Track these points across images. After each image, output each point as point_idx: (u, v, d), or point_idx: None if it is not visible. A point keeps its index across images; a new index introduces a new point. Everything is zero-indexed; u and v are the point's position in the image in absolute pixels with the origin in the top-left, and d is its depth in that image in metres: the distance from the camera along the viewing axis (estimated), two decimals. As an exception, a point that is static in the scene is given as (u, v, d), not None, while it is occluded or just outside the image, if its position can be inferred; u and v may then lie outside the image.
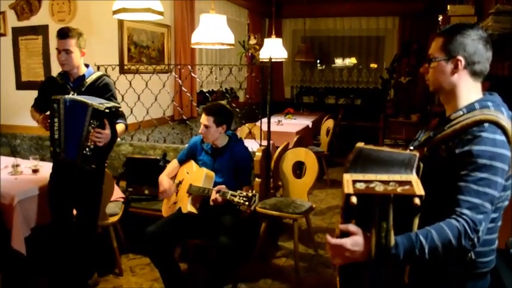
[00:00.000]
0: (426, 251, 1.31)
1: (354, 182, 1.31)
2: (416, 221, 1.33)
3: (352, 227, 1.35)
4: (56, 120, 2.84)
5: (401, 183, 1.28)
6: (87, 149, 2.83)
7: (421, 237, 1.32)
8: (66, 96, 2.87)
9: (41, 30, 4.41)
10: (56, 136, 2.86)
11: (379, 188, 1.28)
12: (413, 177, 1.30)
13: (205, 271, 3.45)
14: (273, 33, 6.20)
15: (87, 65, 3.08)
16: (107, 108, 2.82)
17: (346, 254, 1.35)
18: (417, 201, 1.25)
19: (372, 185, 1.29)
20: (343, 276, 1.49)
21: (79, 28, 3.00)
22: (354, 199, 1.27)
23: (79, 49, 2.94)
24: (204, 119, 3.09)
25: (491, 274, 1.56)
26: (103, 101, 2.90)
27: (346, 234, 1.36)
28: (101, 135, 2.82)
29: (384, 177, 1.31)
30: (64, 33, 2.89)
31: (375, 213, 1.29)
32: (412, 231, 1.33)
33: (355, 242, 1.34)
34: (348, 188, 1.29)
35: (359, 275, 1.43)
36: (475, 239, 1.33)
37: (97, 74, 3.09)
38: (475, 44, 1.49)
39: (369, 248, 1.32)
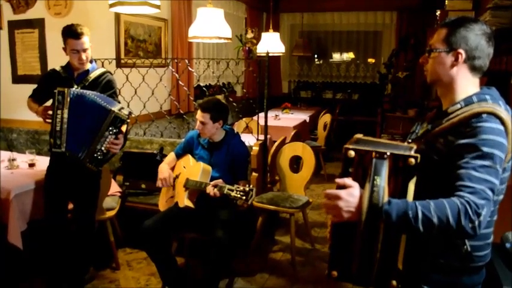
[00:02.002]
0: (420, 217, 1.27)
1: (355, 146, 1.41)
2: (412, 187, 1.33)
3: (348, 181, 1.37)
4: (59, 112, 2.82)
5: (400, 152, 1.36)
6: (99, 152, 2.83)
7: (417, 204, 1.29)
8: (73, 89, 2.85)
9: (37, 24, 4.39)
10: (58, 128, 2.83)
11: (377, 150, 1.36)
12: (412, 153, 1.35)
13: (202, 266, 3.46)
14: (271, 27, 6.19)
15: (91, 61, 3.07)
16: (128, 116, 2.83)
17: (340, 204, 1.35)
18: (412, 160, 1.29)
19: (370, 149, 1.38)
20: (334, 253, 1.49)
21: (73, 23, 2.97)
22: (351, 152, 1.36)
23: (90, 45, 2.96)
24: (199, 115, 3.08)
25: (486, 268, 1.56)
26: (117, 103, 2.90)
27: (343, 188, 1.39)
28: (117, 144, 2.85)
29: (385, 150, 1.37)
30: (79, 33, 2.87)
31: (369, 169, 1.32)
32: (407, 198, 1.33)
33: (350, 192, 1.35)
34: (348, 145, 1.40)
35: (350, 252, 1.41)
36: (476, 223, 1.27)
37: (101, 70, 3.08)
38: (477, 39, 1.47)
39: (362, 204, 1.32)
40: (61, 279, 3.14)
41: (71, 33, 2.88)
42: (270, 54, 4.13)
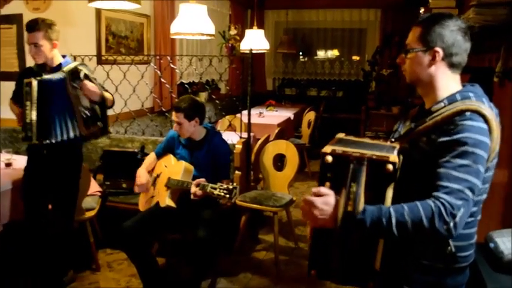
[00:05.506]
0: (393, 223, 1.28)
1: (334, 149, 1.39)
2: (390, 193, 1.33)
3: (324, 189, 1.38)
4: (27, 104, 2.75)
5: (379, 156, 1.34)
6: (86, 112, 2.85)
7: (392, 210, 1.30)
8: (39, 77, 2.79)
9: (15, 20, 4.28)
10: (28, 120, 2.77)
11: (356, 153, 1.34)
12: (393, 155, 1.33)
13: (183, 266, 3.41)
14: (255, 24, 6.13)
15: (64, 56, 3.00)
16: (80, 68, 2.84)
17: (315, 212, 1.36)
18: (390, 167, 1.28)
19: (349, 152, 1.36)
20: (313, 253, 1.50)
21: (52, 18, 2.89)
22: (329, 158, 1.35)
23: (49, 41, 2.84)
24: (174, 116, 3.05)
25: (470, 269, 1.55)
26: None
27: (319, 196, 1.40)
28: (90, 89, 2.81)
29: (365, 151, 1.36)
30: (31, 27, 2.79)
31: (347, 175, 1.32)
32: (384, 203, 1.33)
33: (325, 201, 1.36)
34: (326, 149, 1.37)
35: (328, 253, 1.43)
36: (451, 224, 1.27)
37: (74, 63, 3.00)
38: (453, 35, 1.45)
39: (338, 212, 1.33)
40: (39, 281, 3.06)
41: (26, 25, 2.83)
42: (254, 51, 4.09)
